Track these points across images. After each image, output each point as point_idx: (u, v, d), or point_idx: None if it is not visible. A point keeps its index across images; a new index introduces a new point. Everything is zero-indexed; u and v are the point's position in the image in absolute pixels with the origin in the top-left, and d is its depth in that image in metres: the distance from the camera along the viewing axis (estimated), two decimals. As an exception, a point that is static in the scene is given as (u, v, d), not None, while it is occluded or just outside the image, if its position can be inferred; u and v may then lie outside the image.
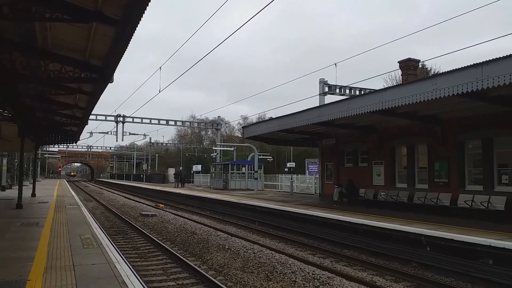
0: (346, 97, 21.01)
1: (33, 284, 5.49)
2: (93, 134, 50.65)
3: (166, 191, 35.76)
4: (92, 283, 5.61)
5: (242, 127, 33.43)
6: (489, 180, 13.81)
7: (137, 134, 52.33)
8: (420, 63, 22.74)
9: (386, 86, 24.48)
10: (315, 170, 29.34)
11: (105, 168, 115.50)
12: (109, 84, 10.12)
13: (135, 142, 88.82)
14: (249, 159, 41.40)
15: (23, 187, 17.02)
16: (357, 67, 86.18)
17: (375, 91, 15.07)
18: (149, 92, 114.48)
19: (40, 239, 8.88)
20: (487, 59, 9.83)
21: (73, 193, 28.85)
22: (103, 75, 9.17)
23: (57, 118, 16.92)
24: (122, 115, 39.39)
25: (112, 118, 39.12)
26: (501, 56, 9.59)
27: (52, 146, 65.38)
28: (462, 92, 10.30)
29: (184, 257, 10.15)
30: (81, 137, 27.92)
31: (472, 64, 10.20)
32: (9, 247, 7.99)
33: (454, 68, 10.77)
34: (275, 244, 12.89)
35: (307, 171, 34.14)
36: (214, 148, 49.71)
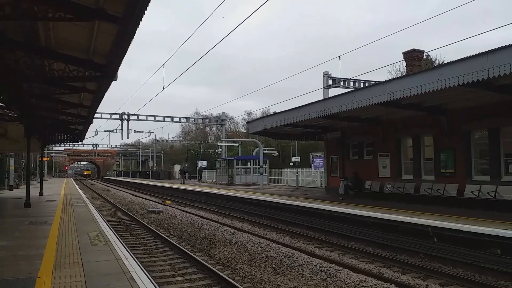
0: (351, 89, 20.92)
1: (43, 281, 5.54)
2: (98, 132, 51.20)
3: (172, 187, 35.90)
4: (101, 279, 5.65)
5: (247, 122, 33.41)
6: (496, 170, 13.72)
7: (142, 132, 52.74)
8: (424, 54, 22.58)
9: (390, 78, 24.32)
10: (321, 163, 29.32)
11: (111, 166, 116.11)
12: (114, 82, 10.14)
13: (141, 140, 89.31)
14: (254, 154, 41.43)
15: (31, 186, 17.15)
16: (363, 61, 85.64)
17: (379, 83, 14.99)
18: (156, 90, 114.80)
19: (48, 237, 8.95)
20: (493, 48, 9.73)
21: (80, 191, 29.04)
22: (107, 73, 9.19)
23: (63, 117, 17.01)
24: (127, 113, 39.51)
25: (117, 116, 39.26)
26: (507, 45, 9.49)
27: (58, 145, 65.86)
28: (467, 82, 10.22)
29: (191, 252, 10.20)
30: (86, 136, 28.04)
31: (477, 53, 10.11)
32: (19, 245, 8.07)
33: (459, 58, 10.68)
34: (281, 238, 12.92)
35: (312, 165, 34.14)
36: (219, 144, 49.82)
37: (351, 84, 23.09)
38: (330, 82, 22.72)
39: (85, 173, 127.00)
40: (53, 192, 25.75)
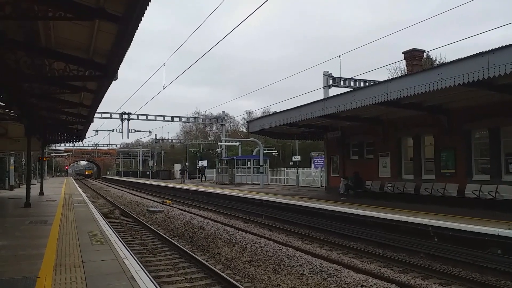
0: (351, 89, 20.91)
1: (43, 281, 5.55)
2: (98, 132, 51.20)
3: (172, 187, 35.91)
4: (102, 279, 5.65)
5: (247, 122, 33.41)
6: (497, 169, 13.71)
7: (143, 131, 52.78)
8: (425, 54, 22.56)
9: (391, 78, 24.32)
10: (321, 163, 29.27)
11: (112, 166, 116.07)
12: (115, 82, 10.13)
13: (141, 139, 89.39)
14: (254, 153, 41.41)
15: (31, 185, 17.16)
16: (363, 60, 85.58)
17: (380, 82, 14.98)
18: (156, 90, 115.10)
19: (49, 236, 8.96)
20: (493, 48, 9.72)
21: (80, 191, 29.06)
22: (107, 72, 9.19)
23: (63, 116, 17.01)
24: (127, 113, 39.51)
25: (118, 116, 39.26)
26: (507, 44, 9.48)
27: (58, 144, 65.80)
28: (468, 81, 10.21)
29: (192, 252, 10.20)
30: (87, 135, 28.07)
31: (478, 52, 10.10)
32: (19, 245, 8.08)
33: (460, 58, 10.67)
34: (282, 237, 12.92)
35: (312, 165, 34.06)
36: (219, 143, 49.82)
37: (352, 83, 23.09)
38: (331, 81, 22.72)
39: (86, 172, 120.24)
40: (53, 192, 25.76)
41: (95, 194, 35.32)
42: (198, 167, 57.77)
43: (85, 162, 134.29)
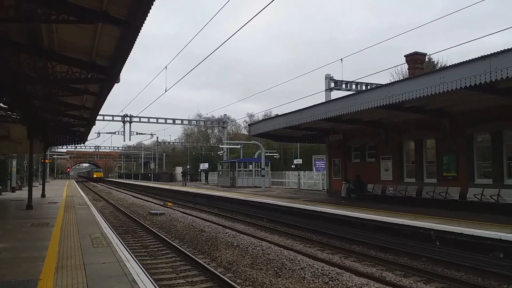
0: (353, 92, 20.92)
1: (45, 283, 5.55)
2: (100, 134, 51.24)
3: (174, 189, 35.92)
4: (103, 281, 5.65)
5: (249, 125, 33.45)
6: (499, 173, 13.68)
7: (144, 134, 52.59)
8: (426, 57, 22.56)
9: (392, 81, 24.32)
10: (322, 166, 29.29)
11: (113, 168, 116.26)
12: (117, 85, 10.18)
13: (143, 142, 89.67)
14: (255, 156, 41.40)
15: (33, 188, 17.19)
16: (366, 64, 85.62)
17: (381, 85, 14.98)
18: (159, 92, 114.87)
19: (50, 239, 8.96)
20: (495, 51, 9.73)
21: (82, 193, 29.08)
22: (110, 75, 9.23)
23: (65, 119, 17.07)
24: (129, 115, 39.58)
25: (119, 118, 39.32)
26: (510, 48, 9.48)
27: (60, 147, 65.96)
28: (470, 85, 10.21)
29: (193, 255, 10.19)
30: (89, 138, 28.16)
31: (480, 56, 10.10)
32: (21, 247, 8.08)
33: (462, 61, 10.68)
34: (283, 240, 12.88)
35: (314, 168, 34.07)
36: (220, 146, 49.88)
37: (353, 86, 23.10)
38: (332, 84, 22.74)
39: (94, 175, 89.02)
40: (55, 194, 25.79)
41: (96, 196, 35.34)
42: (199, 170, 57.83)
43: (87, 164, 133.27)
